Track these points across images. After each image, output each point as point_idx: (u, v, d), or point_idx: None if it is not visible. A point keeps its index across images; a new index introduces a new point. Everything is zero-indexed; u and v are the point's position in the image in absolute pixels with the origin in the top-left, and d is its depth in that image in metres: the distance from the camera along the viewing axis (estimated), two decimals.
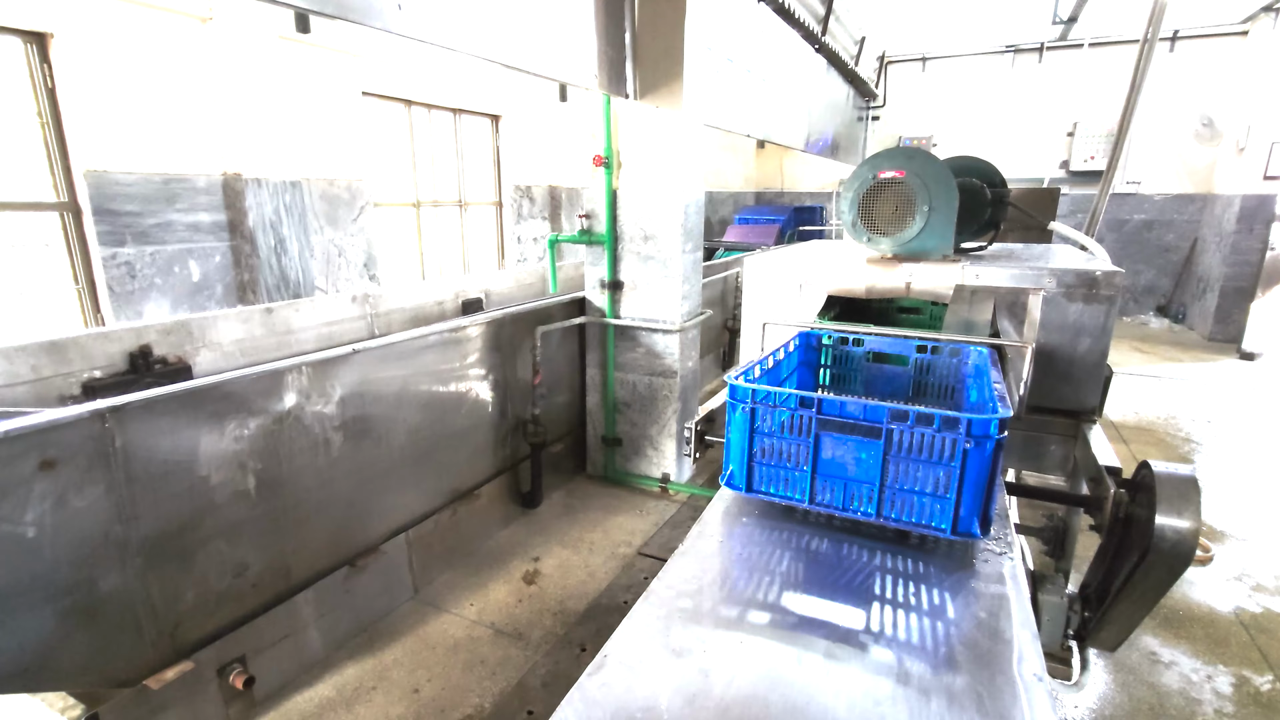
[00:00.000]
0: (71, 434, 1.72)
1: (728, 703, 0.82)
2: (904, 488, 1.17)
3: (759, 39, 5.23)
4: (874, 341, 1.69)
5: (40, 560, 1.69)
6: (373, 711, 2.23)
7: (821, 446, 1.23)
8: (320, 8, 1.78)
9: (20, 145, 2.84)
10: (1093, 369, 1.90)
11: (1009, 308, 1.94)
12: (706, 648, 0.92)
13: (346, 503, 2.55)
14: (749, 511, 1.35)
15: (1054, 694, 1.43)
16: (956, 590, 1.07)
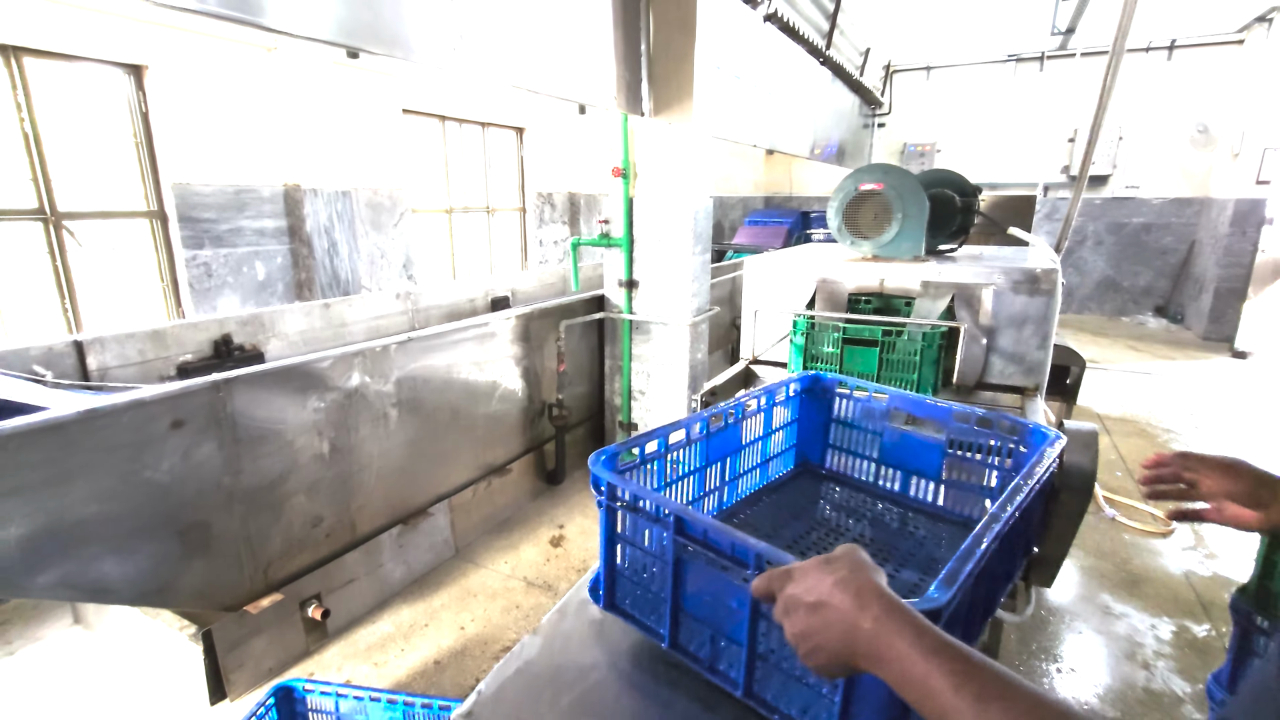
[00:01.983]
0: (195, 400, 2.13)
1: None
2: (784, 664, 0.83)
3: (765, 56, 5.59)
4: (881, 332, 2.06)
5: (171, 501, 2.10)
6: (426, 642, 2.63)
7: (685, 576, 0.92)
8: (389, 51, 2.18)
9: (119, 162, 3.27)
10: (1036, 352, 2.26)
11: (966, 300, 2.30)
12: None
13: (400, 470, 2.95)
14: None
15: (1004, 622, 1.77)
16: None
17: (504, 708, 0.93)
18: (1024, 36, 9.49)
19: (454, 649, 2.60)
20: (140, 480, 2.01)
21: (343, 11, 1.94)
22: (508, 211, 6.11)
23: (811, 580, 0.63)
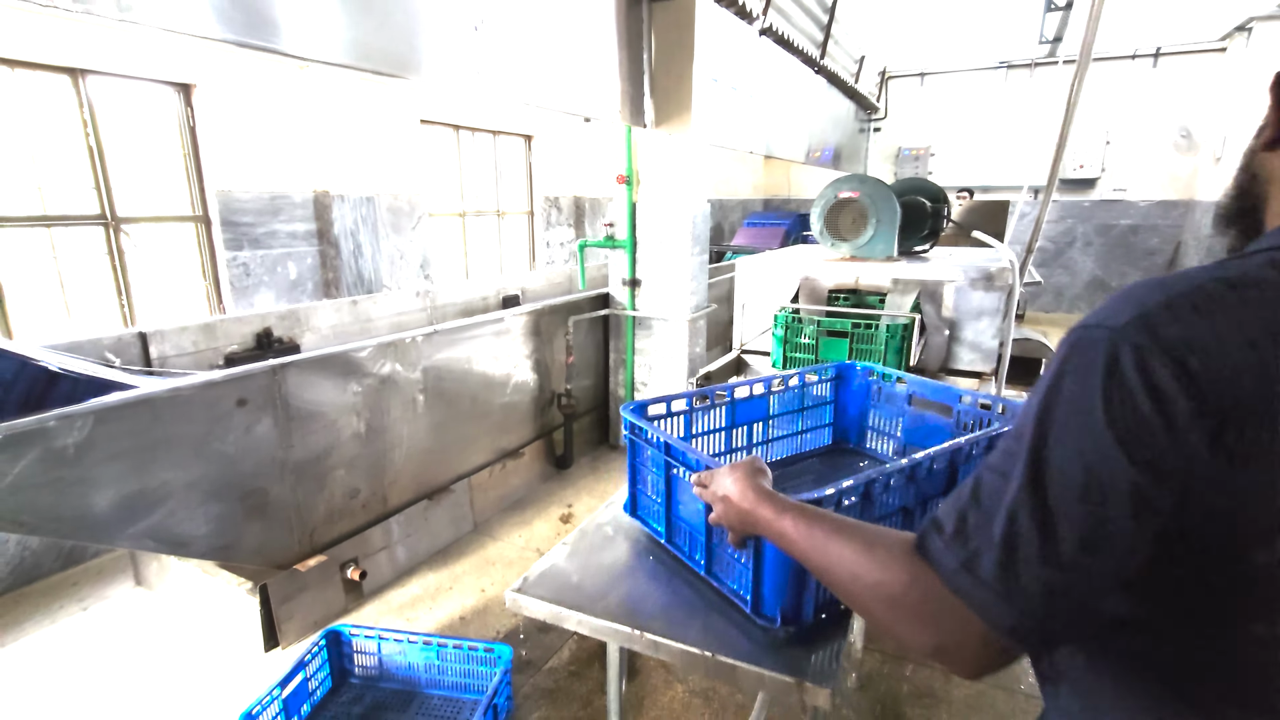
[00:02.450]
0: (256, 383, 2.44)
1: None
2: (724, 547, 1.12)
3: (762, 67, 5.90)
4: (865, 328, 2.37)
5: (235, 470, 2.41)
6: (452, 602, 2.94)
7: (675, 490, 1.26)
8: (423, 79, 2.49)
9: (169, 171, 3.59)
10: (991, 341, 2.56)
11: (930, 295, 2.61)
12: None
13: (425, 450, 3.26)
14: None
15: None
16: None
17: (546, 581, 1.24)
18: (1014, 44, 9.79)
19: (476, 608, 2.92)
20: (210, 450, 2.32)
21: (381, 43, 2.26)
22: (517, 215, 6.43)
23: (719, 480, 0.94)
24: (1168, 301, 0.54)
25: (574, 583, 1.25)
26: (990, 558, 0.57)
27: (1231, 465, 0.50)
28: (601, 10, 3.65)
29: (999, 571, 0.56)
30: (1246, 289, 0.54)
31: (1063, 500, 0.54)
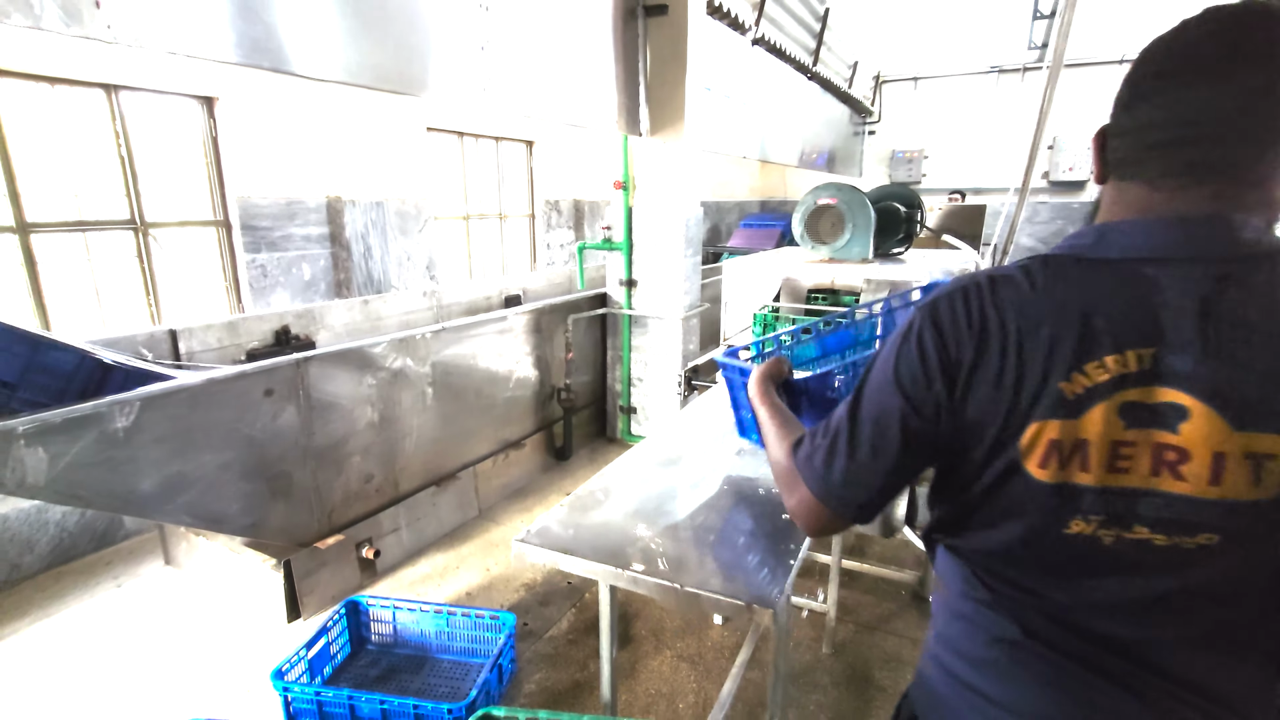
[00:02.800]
0: (281, 375, 2.67)
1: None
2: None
3: (755, 75, 6.12)
4: None
5: (263, 454, 2.64)
6: (458, 581, 3.16)
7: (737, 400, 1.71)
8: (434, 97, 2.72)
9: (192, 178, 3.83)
10: None
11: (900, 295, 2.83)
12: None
13: (433, 440, 3.49)
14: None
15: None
16: None
17: (545, 534, 1.47)
18: (1005, 49, 10.01)
19: (482, 584, 3.14)
20: (241, 436, 2.55)
21: (396, 65, 2.49)
22: (519, 218, 6.66)
23: (751, 375, 1.23)
24: (951, 290, 0.79)
25: (569, 535, 1.48)
26: (819, 454, 0.88)
27: (964, 401, 0.77)
28: (599, 27, 3.88)
29: (822, 460, 0.87)
30: (999, 283, 0.77)
31: (864, 420, 0.83)
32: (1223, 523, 0.70)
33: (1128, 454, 0.73)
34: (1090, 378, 0.72)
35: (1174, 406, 0.70)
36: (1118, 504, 0.73)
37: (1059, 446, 0.74)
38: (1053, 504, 0.76)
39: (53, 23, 1.61)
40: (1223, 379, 0.69)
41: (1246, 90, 0.71)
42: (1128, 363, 0.71)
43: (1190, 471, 0.70)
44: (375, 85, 2.44)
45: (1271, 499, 0.68)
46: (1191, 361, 0.70)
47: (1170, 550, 0.73)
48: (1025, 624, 0.80)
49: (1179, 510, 0.72)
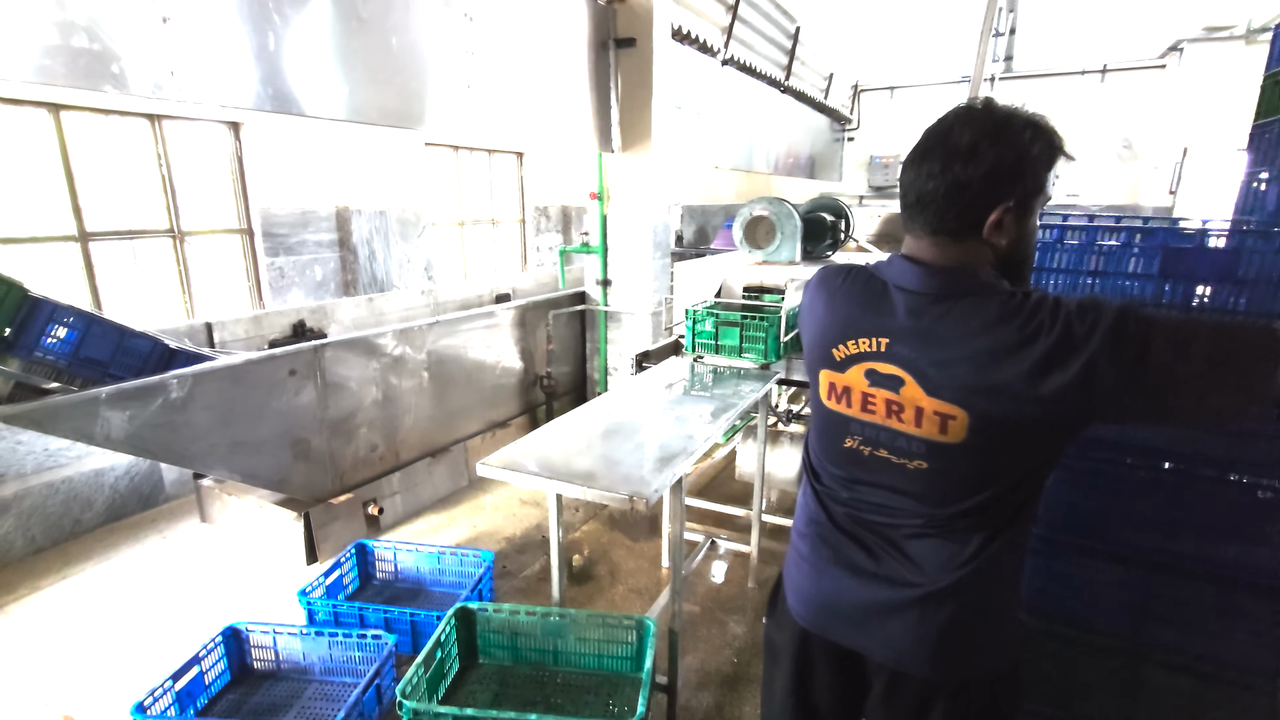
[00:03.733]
0: (303, 358, 3.24)
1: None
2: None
3: (725, 92, 6.67)
4: None
5: (286, 424, 3.21)
6: (450, 534, 3.73)
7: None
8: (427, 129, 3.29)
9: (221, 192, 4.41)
10: None
11: None
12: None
13: (429, 417, 4.06)
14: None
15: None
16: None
17: (504, 458, 2.03)
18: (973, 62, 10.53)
19: (469, 537, 3.71)
20: (270, 408, 3.13)
21: (395, 105, 3.06)
22: (510, 223, 7.24)
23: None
24: (830, 270, 1.24)
25: (523, 462, 2.04)
26: None
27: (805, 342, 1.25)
28: (576, 59, 4.45)
29: None
30: (857, 272, 1.18)
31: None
32: (926, 453, 1.07)
33: (872, 402, 1.11)
34: (850, 348, 1.12)
35: (894, 376, 1.08)
36: (868, 431, 1.13)
37: (834, 388, 1.16)
38: (836, 425, 1.18)
39: (141, 91, 2.18)
40: (922, 364, 1.05)
41: (926, 174, 1.05)
42: (871, 344, 1.10)
43: (906, 418, 1.07)
44: (380, 122, 3.02)
45: (956, 443, 1.03)
46: (906, 350, 1.06)
47: (899, 467, 1.10)
48: (827, 511, 1.23)
49: (901, 442, 1.09)
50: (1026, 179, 1.03)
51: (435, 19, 3.27)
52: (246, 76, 2.48)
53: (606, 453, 2.13)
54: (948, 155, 1.02)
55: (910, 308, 1.06)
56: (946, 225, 1.06)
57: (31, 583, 3.21)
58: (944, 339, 1.03)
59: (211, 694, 2.42)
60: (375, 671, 2.32)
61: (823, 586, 1.22)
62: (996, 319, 0.99)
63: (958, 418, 1.02)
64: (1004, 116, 1.03)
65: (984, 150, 1.01)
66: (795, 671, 1.30)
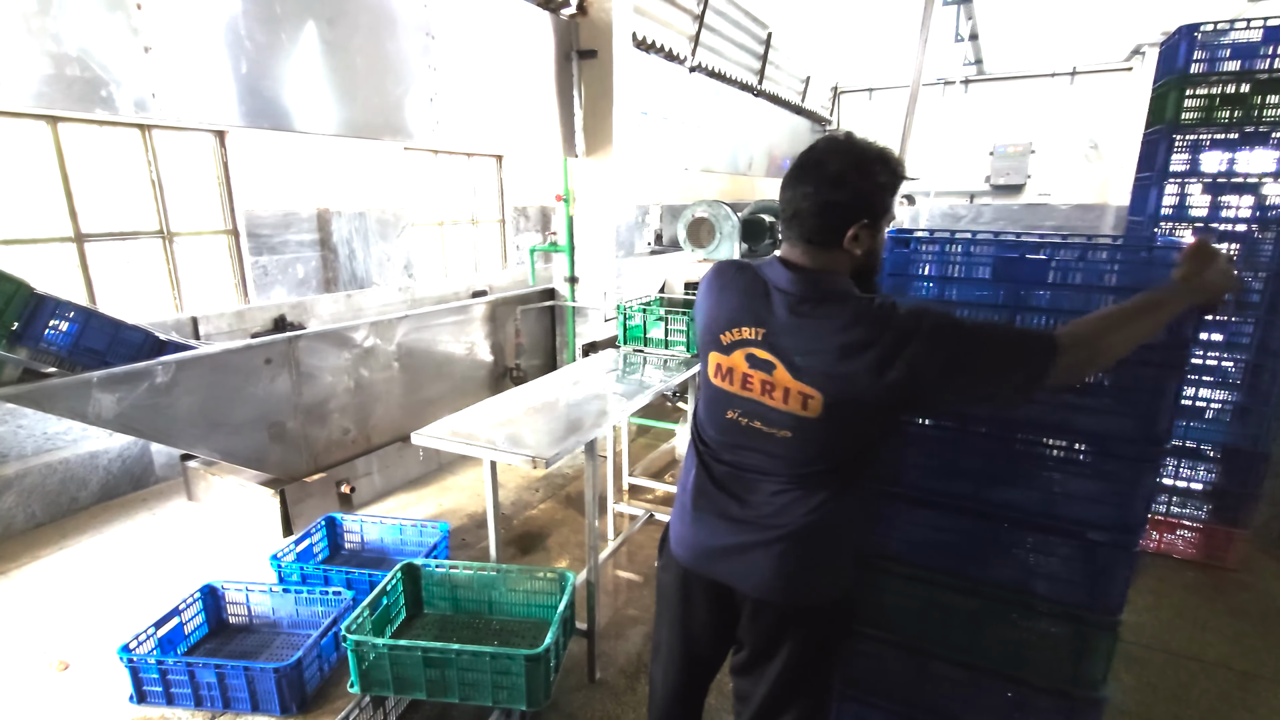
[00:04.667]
0: (277, 348, 3.56)
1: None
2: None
3: (695, 98, 6.97)
4: None
5: (263, 408, 3.53)
6: (417, 511, 4.05)
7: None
8: (395, 138, 3.60)
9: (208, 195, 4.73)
10: None
11: None
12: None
13: (399, 404, 4.37)
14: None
15: None
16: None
17: (441, 428, 2.35)
18: (947, 64, 10.83)
19: (435, 514, 4.03)
20: (247, 393, 3.44)
21: (366, 119, 3.37)
22: (491, 223, 7.55)
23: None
24: (722, 265, 1.48)
25: (466, 430, 2.36)
26: None
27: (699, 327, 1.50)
28: (543, 70, 4.76)
29: None
30: (744, 269, 1.39)
31: None
32: (791, 425, 1.30)
33: (750, 382, 1.33)
34: (734, 335, 1.34)
35: (769, 362, 1.30)
36: (747, 406, 1.35)
37: (720, 369, 1.37)
38: (720, 400, 1.40)
39: (126, 113, 2.50)
40: (791, 354, 1.27)
41: (793, 193, 1.29)
42: (752, 333, 1.31)
43: (776, 396, 1.30)
44: (350, 134, 3.34)
45: (814, 418, 1.27)
46: (779, 341, 1.28)
47: (769, 435, 1.34)
48: (709, 471, 1.47)
49: (772, 415, 1.32)
50: (877, 204, 1.28)
51: (398, 39, 3.59)
52: (222, 95, 2.80)
53: (526, 425, 2.45)
54: (819, 180, 1.26)
55: (784, 305, 1.30)
56: (816, 236, 1.30)
57: (32, 552, 3.53)
58: (809, 334, 1.27)
59: (190, 643, 2.74)
60: (333, 620, 2.64)
61: (700, 533, 1.47)
62: (851, 321, 1.24)
63: (816, 398, 1.27)
64: (863, 150, 1.28)
65: (849, 179, 1.25)
66: (680, 603, 1.56)
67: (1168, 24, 8.92)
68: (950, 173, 11.41)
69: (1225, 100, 2.98)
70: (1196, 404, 3.35)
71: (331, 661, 2.66)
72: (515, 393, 2.87)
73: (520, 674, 2.08)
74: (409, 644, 2.12)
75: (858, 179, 1.26)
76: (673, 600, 1.58)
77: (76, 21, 2.34)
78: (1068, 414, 1.51)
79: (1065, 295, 1.53)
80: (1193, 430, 3.40)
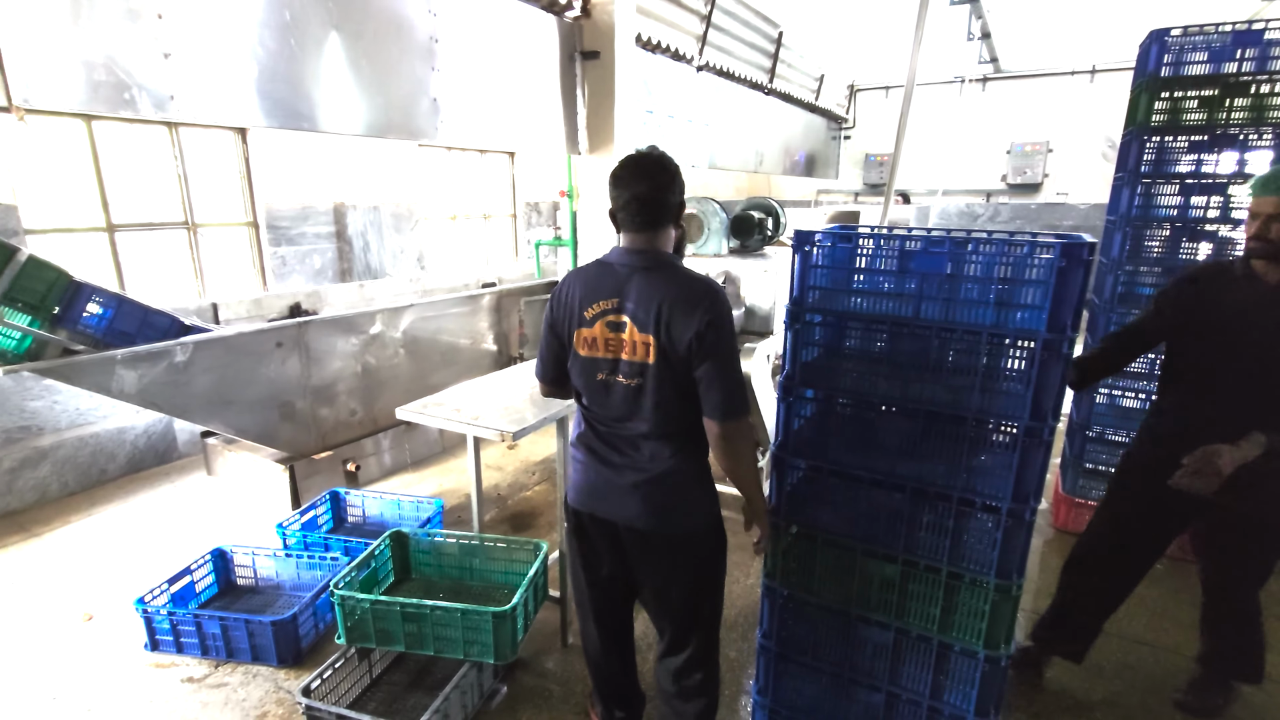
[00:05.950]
0: (289, 333, 3.80)
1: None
2: None
3: (703, 96, 7.10)
4: None
5: (274, 388, 3.77)
6: (418, 490, 4.27)
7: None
8: (413, 138, 3.82)
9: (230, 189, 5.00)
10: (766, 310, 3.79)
11: (730, 279, 3.85)
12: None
13: (405, 389, 4.60)
14: None
15: None
16: None
17: (432, 405, 2.55)
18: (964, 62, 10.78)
19: (435, 492, 4.25)
20: (259, 374, 3.69)
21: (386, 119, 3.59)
22: (503, 217, 7.78)
23: None
24: (577, 268, 1.78)
25: (450, 408, 2.55)
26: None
27: (556, 322, 1.77)
28: (546, 69, 4.95)
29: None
30: (594, 263, 1.75)
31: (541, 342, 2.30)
32: (639, 374, 1.66)
33: (611, 343, 1.67)
34: (594, 309, 1.68)
35: (621, 323, 1.65)
36: (608, 366, 1.69)
37: (585, 339, 1.70)
38: (589, 367, 1.72)
39: (147, 113, 2.74)
40: (636, 310, 1.63)
41: (635, 192, 1.65)
42: (607, 304, 1.66)
43: (627, 349, 1.66)
44: (370, 134, 3.59)
45: (651, 364, 1.62)
46: (629, 305, 1.63)
47: (626, 386, 1.68)
48: (593, 427, 1.79)
49: (628, 367, 1.66)
50: (682, 193, 1.73)
51: (402, 43, 3.80)
52: (238, 97, 3.03)
53: (504, 404, 2.64)
54: (649, 179, 1.66)
55: (627, 276, 1.66)
56: (650, 222, 1.68)
57: (63, 517, 3.83)
58: (647, 293, 1.62)
59: (201, 600, 2.99)
60: (328, 581, 2.86)
61: (589, 479, 1.79)
62: (677, 283, 1.64)
63: (651, 344, 1.61)
64: (665, 157, 1.71)
65: (663, 176, 1.67)
66: (578, 542, 1.87)
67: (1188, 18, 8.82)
68: (966, 171, 11.37)
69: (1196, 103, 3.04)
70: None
71: (326, 620, 2.89)
72: (500, 375, 3.06)
73: (489, 630, 2.27)
74: (389, 599, 2.32)
75: (673, 176, 1.70)
76: (573, 540, 1.89)
77: (103, 31, 2.58)
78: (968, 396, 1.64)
79: (961, 286, 1.65)
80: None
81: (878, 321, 1.75)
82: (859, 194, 12.37)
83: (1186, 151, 3.12)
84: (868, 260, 1.83)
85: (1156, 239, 3.29)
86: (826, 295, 1.81)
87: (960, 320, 1.62)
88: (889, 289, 1.75)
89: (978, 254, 1.58)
